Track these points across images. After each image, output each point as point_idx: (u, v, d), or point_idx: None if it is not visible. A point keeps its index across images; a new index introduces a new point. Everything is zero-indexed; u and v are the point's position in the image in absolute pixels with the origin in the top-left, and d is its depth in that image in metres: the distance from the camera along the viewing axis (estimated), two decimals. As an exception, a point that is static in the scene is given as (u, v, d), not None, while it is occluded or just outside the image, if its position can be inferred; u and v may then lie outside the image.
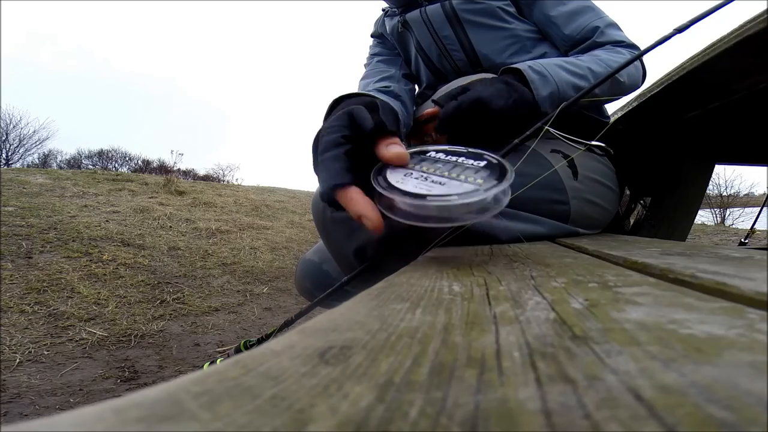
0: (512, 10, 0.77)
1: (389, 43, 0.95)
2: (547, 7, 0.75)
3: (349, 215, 0.38)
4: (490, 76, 0.73)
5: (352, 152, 0.39)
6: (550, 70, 0.61)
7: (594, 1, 0.77)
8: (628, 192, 1.04)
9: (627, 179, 0.79)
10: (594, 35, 0.72)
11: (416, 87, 0.97)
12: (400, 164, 0.37)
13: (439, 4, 0.79)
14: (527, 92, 0.57)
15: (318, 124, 0.47)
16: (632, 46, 0.72)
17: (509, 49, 0.77)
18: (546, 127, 0.54)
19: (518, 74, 0.61)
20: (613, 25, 0.74)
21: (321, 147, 0.40)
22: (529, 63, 0.61)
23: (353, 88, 1.01)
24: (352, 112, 0.41)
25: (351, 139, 0.40)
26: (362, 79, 0.93)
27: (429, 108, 0.79)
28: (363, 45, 1.01)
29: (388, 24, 0.90)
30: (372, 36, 0.99)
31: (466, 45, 0.79)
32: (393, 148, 0.38)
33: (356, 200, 0.36)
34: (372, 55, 0.97)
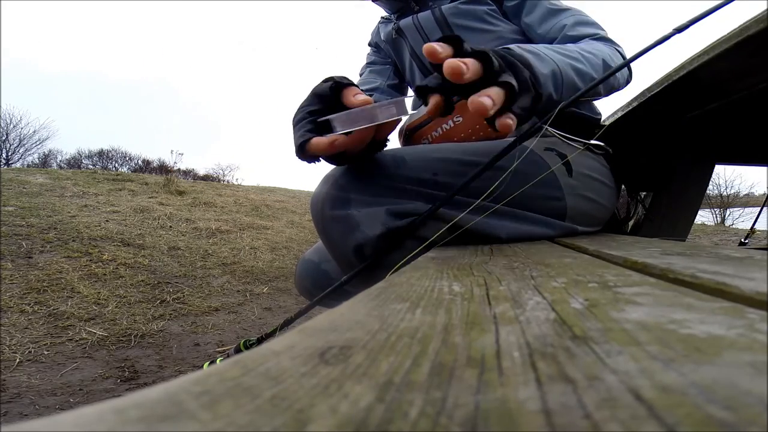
0: (497, 15, 0.81)
1: (383, 53, 1.00)
2: (526, 12, 0.80)
3: (322, 155, 0.52)
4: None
5: (315, 120, 0.53)
6: (543, 51, 0.58)
7: (592, 1, 0.79)
8: (624, 190, 1.04)
9: (623, 176, 0.79)
10: (562, 32, 0.76)
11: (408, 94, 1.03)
12: (366, 104, 0.49)
13: (429, 10, 0.83)
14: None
15: None
16: (607, 39, 0.75)
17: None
18: (546, 127, 0.54)
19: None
20: (586, 24, 0.76)
21: (294, 122, 0.54)
22: (516, 45, 0.57)
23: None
24: (315, 90, 0.55)
25: (317, 111, 0.53)
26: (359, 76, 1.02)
27: (420, 115, 0.81)
28: (362, 45, 1.08)
29: (383, 31, 0.95)
30: (369, 45, 1.05)
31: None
32: (359, 96, 0.50)
33: (318, 140, 0.49)
34: (367, 64, 1.03)
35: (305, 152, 0.50)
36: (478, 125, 0.73)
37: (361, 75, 1.03)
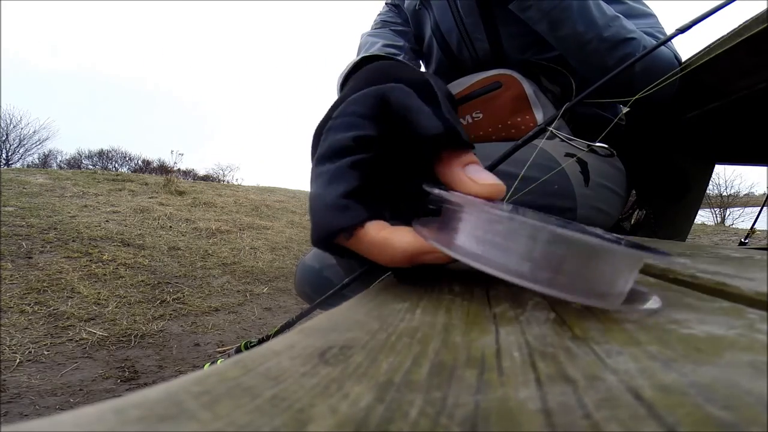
0: None
1: (404, 15, 0.88)
2: None
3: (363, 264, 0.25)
4: (508, 72, 0.70)
5: (368, 164, 0.24)
6: None
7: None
8: (634, 192, 1.04)
9: (635, 183, 0.77)
10: None
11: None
12: (495, 197, 0.22)
13: None
14: None
15: (317, 122, 0.29)
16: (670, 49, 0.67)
17: (536, 45, 0.71)
18: (550, 129, 0.53)
19: None
20: (661, 34, 0.69)
21: (321, 150, 0.25)
22: None
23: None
24: (386, 95, 0.26)
25: (372, 143, 0.25)
26: (368, 35, 0.83)
27: None
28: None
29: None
30: (387, 3, 0.91)
31: (492, 36, 0.72)
32: (483, 176, 0.23)
33: (389, 239, 0.22)
34: (384, 21, 0.88)
35: (333, 244, 0.24)
36: (501, 124, 0.69)
37: (372, 30, 0.86)
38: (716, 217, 7.98)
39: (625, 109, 0.81)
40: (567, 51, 0.65)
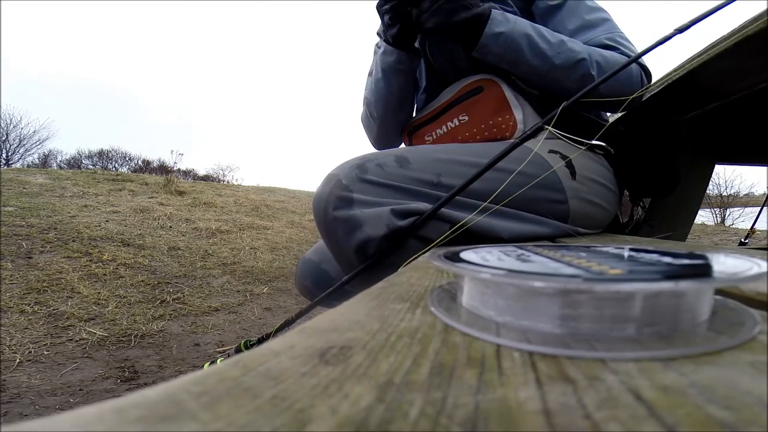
0: (511, 10, 0.75)
1: None
2: (559, 20, 0.74)
3: None
4: (489, 77, 0.73)
5: None
6: (512, 18, 0.65)
7: (599, 1, 0.75)
8: (627, 194, 1.04)
9: (626, 181, 0.79)
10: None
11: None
12: None
13: None
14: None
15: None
16: (628, 55, 0.69)
17: None
18: (548, 128, 0.54)
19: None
20: (619, 40, 0.71)
21: None
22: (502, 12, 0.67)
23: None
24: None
25: None
26: (369, 75, 0.93)
27: (426, 112, 0.81)
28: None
29: None
30: (378, 34, 0.94)
31: (470, 56, 0.76)
32: None
33: None
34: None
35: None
36: (484, 125, 0.72)
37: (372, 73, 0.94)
38: (716, 217, 7.98)
39: (613, 118, 0.82)
40: (531, 81, 0.71)
